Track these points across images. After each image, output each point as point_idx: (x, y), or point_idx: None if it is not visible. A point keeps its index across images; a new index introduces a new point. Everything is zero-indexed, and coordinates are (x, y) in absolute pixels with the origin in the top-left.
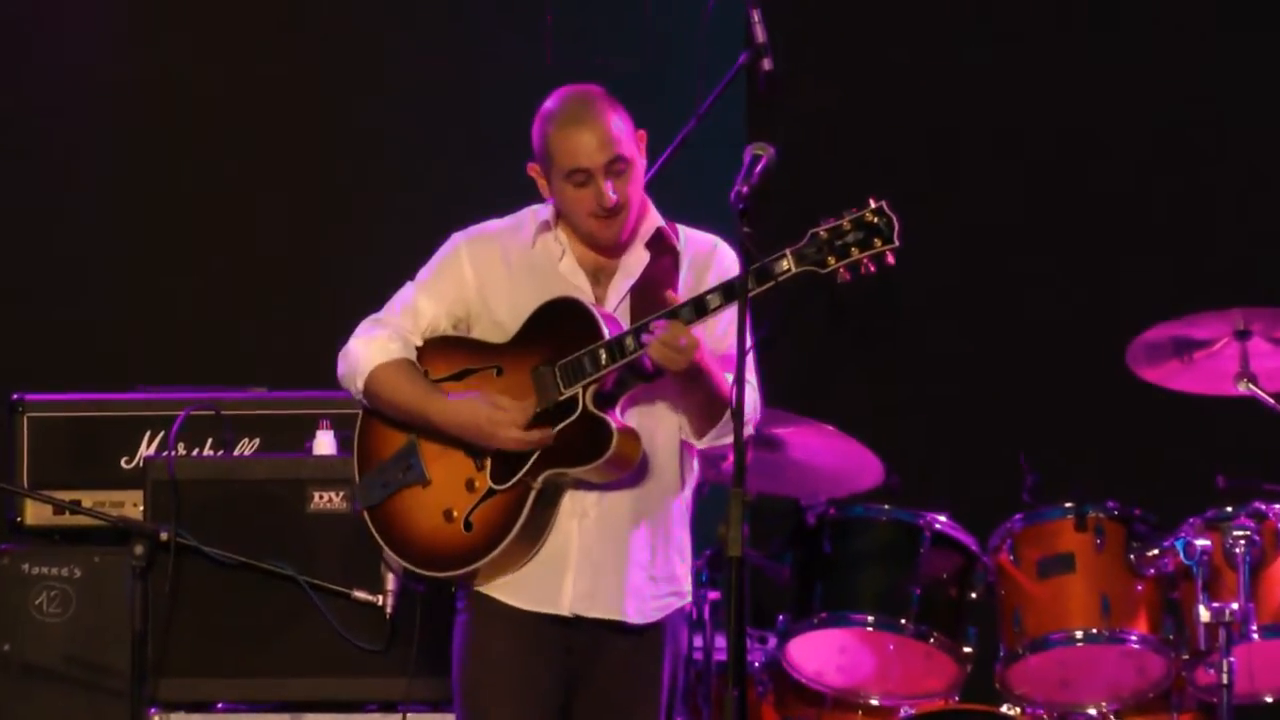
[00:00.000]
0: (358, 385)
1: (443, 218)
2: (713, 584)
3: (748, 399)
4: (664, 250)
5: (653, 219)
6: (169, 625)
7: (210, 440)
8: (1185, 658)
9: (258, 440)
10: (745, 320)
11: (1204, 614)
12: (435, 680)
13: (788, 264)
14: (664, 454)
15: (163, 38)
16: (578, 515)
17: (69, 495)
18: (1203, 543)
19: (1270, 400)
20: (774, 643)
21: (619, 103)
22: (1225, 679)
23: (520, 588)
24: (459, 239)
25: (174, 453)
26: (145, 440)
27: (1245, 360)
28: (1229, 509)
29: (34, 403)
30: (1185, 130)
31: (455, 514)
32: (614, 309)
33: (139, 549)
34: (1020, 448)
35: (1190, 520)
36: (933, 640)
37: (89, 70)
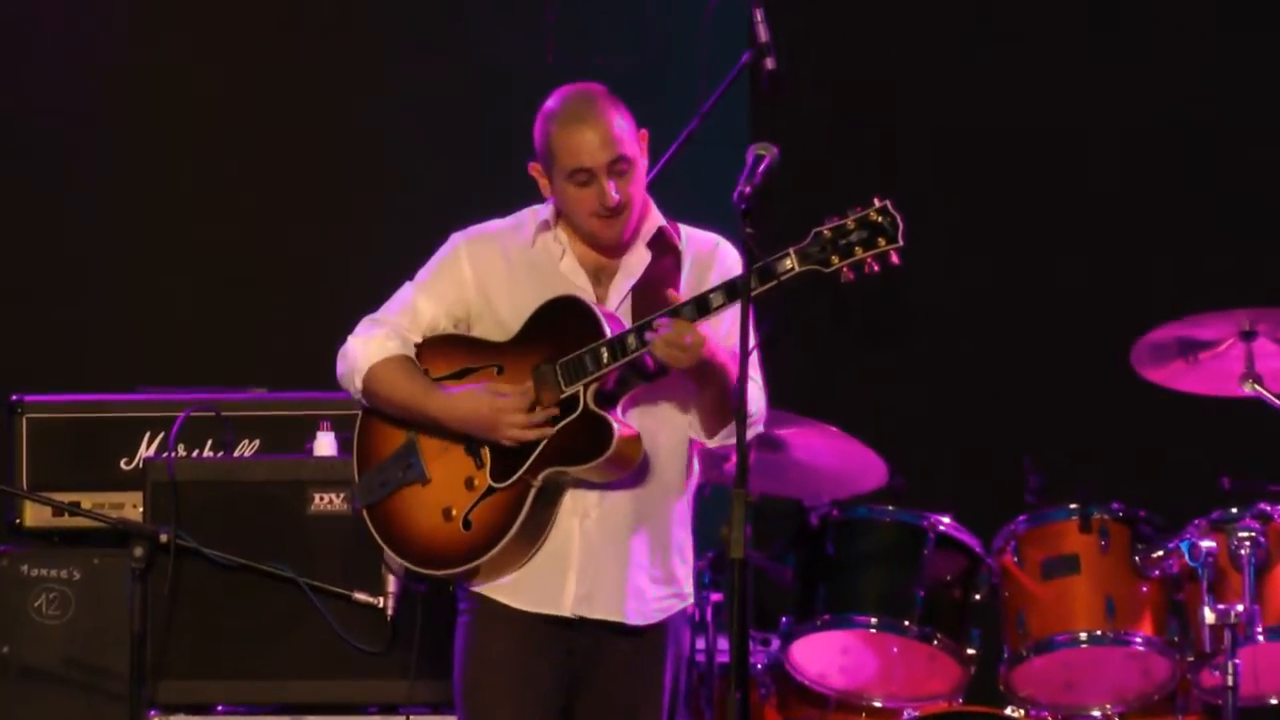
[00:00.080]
0: (356, 384)
1: (443, 218)
2: (715, 585)
3: (754, 398)
4: (666, 250)
5: (654, 218)
6: (169, 627)
7: (210, 441)
8: (1190, 660)
9: (258, 441)
10: (748, 320)
11: (1209, 616)
12: (436, 682)
13: (791, 263)
14: (666, 454)
15: (163, 37)
16: (579, 515)
17: (68, 497)
18: (1208, 544)
19: (1275, 401)
20: (777, 644)
21: (621, 102)
22: (1230, 681)
23: (521, 589)
24: (458, 239)
25: (174, 454)
26: (145, 441)
27: (1250, 361)
28: (1234, 510)
29: (33, 404)
30: (1185, 130)
31: (455, 512)
32: (615, 309)
33: (139, 551)
34: (1024, 449)
35: (1195, 522)
36: (936, 642)
37: (89, 70)
